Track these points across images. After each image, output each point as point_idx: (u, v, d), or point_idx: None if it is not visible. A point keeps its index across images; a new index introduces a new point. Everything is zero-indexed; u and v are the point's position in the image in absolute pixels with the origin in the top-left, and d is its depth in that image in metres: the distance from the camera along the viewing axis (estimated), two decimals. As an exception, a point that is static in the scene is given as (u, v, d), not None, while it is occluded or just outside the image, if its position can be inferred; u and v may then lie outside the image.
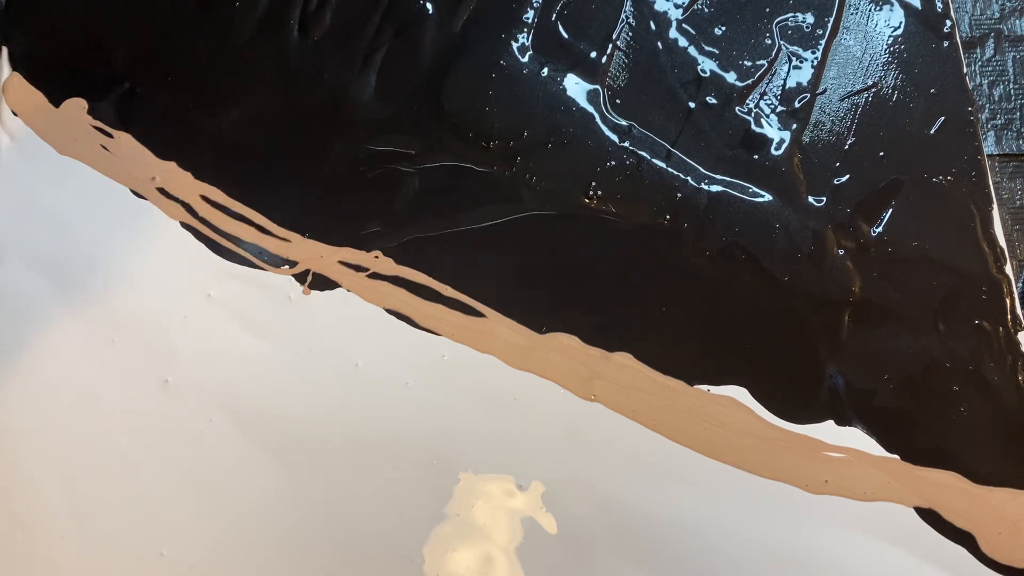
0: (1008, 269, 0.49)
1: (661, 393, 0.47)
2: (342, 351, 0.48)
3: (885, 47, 0.53)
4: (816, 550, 0.45)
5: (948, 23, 0.54)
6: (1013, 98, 0.54)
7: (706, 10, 0.54)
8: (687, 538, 0.45)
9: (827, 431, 0.47)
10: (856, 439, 0.47)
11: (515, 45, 0.53)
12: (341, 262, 0.49)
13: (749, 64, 0.53)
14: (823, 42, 0.53)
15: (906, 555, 0.45)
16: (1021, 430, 0.47)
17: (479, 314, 0.48)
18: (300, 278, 0.49)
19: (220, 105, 0.52)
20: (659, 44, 0.53)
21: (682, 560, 0.45)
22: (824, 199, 0.50)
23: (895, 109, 0.52)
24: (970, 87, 0.53)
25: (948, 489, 0.46)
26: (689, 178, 0.51)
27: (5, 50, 0.52)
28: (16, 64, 0.52)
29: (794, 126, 0.52)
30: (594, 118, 0.51)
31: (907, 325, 0.49)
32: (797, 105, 0.52)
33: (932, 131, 0.52)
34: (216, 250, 0.49)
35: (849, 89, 0.53)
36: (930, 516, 0.46)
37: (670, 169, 0.51)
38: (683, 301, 0.49)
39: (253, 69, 0.52)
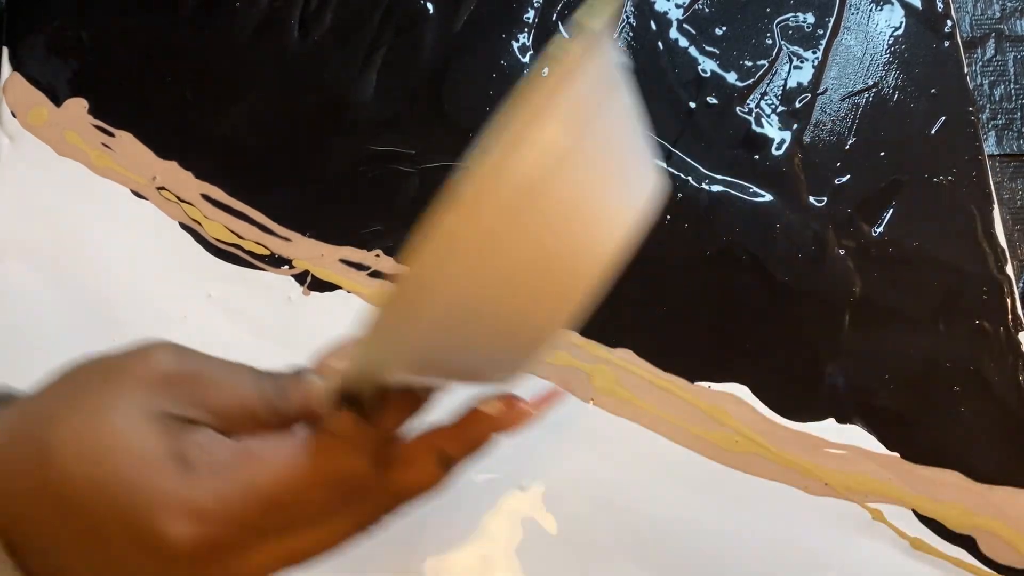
0: (1009, 269, 0.49)
1: (661, 392, 0.47)
2: (342, 351, 0.48)
3: (886, 47, 0.53)
4: (815, 550, 0.45)
5: (949, 23, 0.53)
6: (1014, 98, 0.54)
7: (707, 10, 0.54)
8: (687, 538, 0.45)
9: (828, 429, 0.47)
10: (857, 437, 0.46)
11: (515, 45, 0.53)
12: (342, 260, 0.49)
13: (750, 64, 0.53)
14: (824, 42, 0.53)
15: (905, 557, 0.45)
16: (1022, 429, 0.47)
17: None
18: (300, 278, 0.49)
19: (221, 105, 0.51)
20: (659, 44, 0.53)
21: (682, 560, 0.45)
22: (825, 199, 0.50)
23: (896, 109, 0.52)
24: (971, 87, 0.53)
25: (948, 487, 0.46)
26: (690, 178, 0.51)
27: (6, 50, 0.52)
28: (16, 64, 0.52)
29: (795, 126, 0.52)
30: (594, 118, 0.51)
31: (907, 325, 0.49)
32: (798, 105, 0.52)
33: (933, 131, 0.52)
34: (213, 252, 0.49)
35: (850, 89, 0.53)
36: (931, 520, 0.45)
37: (671, 169, 0.51)
38: (683, 300, 0.49)
39: (253, 69, 0.52)
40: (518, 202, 0.22)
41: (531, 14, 0.53)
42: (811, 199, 0.50)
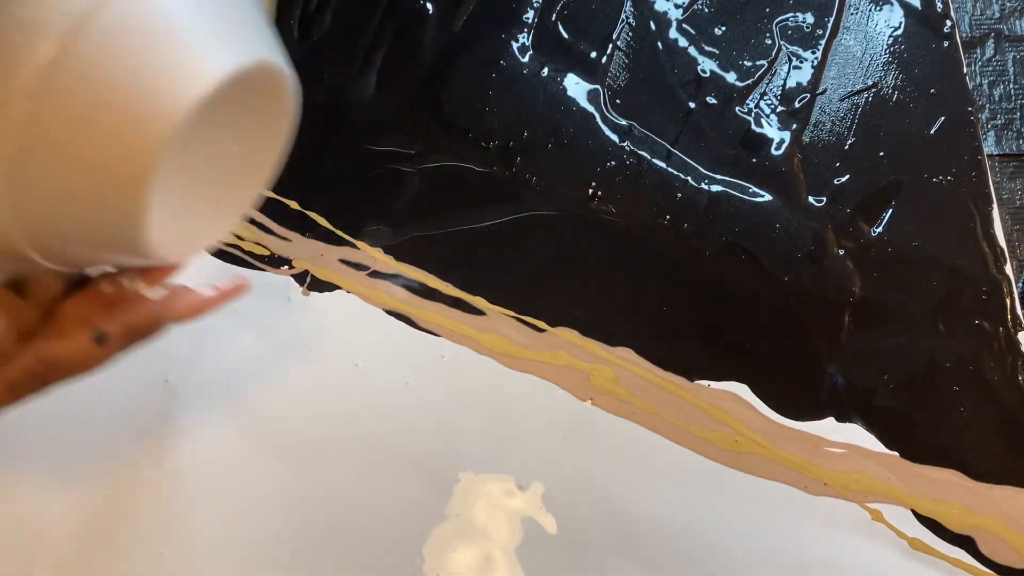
0: (1008, 269, 0.49)
1: (661, 391, 0.47)
2: (342, 351, 0.48)
3: (885, 47, 0.53)
4: (814, 550, 0.45)
5: (948, 23, 0.54)
6: (1013, 98, 0.54)
7: (706, 10, 0.54)
8: (686, 538, 0.45)
9: (827, 428, 0.47)
10: (856, 436, 0.47)
11: (515, 45, 0.53)
12: (341, 260, 0.49)
13: (749, 64, 0.53)
14: (823, 42, 0.53)
15: (904, 557, 0.45)
16: (1021, 429, 0.47)
17: (479, 312, 0.48)
18: (300, 278, 0.49)
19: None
20: (659, 44, 0.53)
21: (681, 559, 0.45)
22: (824, 199, 0.50)
23: (895, 109, 0.52)
24: (970, 87, 0.53)
25: (948, 486, 0.46)
26: (689, 178, 0.51)
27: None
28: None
29: (794, 126, 0.52)
30: (594, 118, 0.51)
31: (907, 325, 0.49)
32: (797, 105, 0.52)
33: (932, 131, 0.52)
34: (213, 252, 0.49)
35: (849, 89, 0.53)
36: (930, 520, 0.45)
37: (670, 169, 0.51)
38: (683, 300, 0.49)
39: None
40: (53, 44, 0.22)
41: (531, 14, 0.53)
42: (810, 199, 0.50)
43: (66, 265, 0.28)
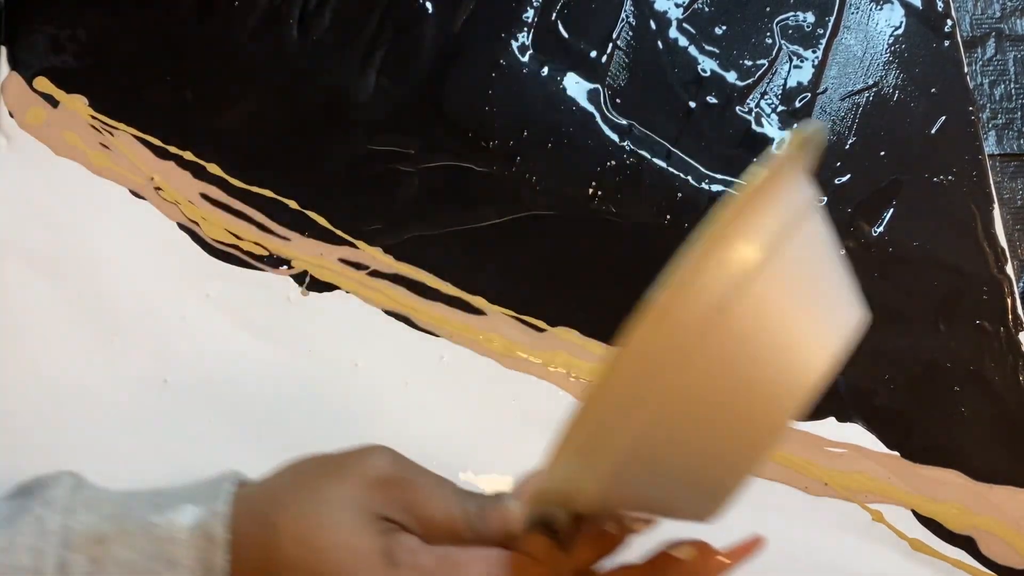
0: (1009, 269, 0.49)
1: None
2: (342, 351, 0.48)
3: (886, 46, 0.53)
4: (814, 550, 0.45)
5: (949, 22, 0.53)
6: (1014, 97, 0.54)
7: (706, 9, 0.54)
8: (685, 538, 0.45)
9: (828, 428, 0.47)
10: (856, 436, 0.46)
11: (515, 44, 0.52)
12: (341, 260, 0.49)
13: (750, 63, 0.53)
14: (824, 41, 0.53)
15: (905, 558, 0.45)
16: (1021, 429, 0.47)
17: (480, 312, 0.48)
18: (299, 278, 0.49)
19: (220, 105, 0.51)
20: (659, 43, 0.53)
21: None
22: (825, 199, 0.50)
23: (896, 109, 0.52)
24: (971, 86, 0.53)
25: (948, 486, 0.46)
26: (690, 178, 0.51)
27: (4, 50, 0.52)
28: (15, 64, 0.52)
29: (795, 126, 0.52)
30: (594, 118, 0.51)
31: (907, 325, 0.49)
32: (798, 104, 0.52)
33: (933, 131, 0.52)
34: (212, 252, 0.49)
35: (850, 88, 0.53)
36: (930, 520, 0.45)
37: (671, 169, 0.51)
38: (683, 301, 0.49)
39: (253, 69, 0.52)
40: (706, 322, 0.21)
41: (531, 13, 0.53)
42: (811, 199, 0.50)
43: (626, 515, 0.27)
